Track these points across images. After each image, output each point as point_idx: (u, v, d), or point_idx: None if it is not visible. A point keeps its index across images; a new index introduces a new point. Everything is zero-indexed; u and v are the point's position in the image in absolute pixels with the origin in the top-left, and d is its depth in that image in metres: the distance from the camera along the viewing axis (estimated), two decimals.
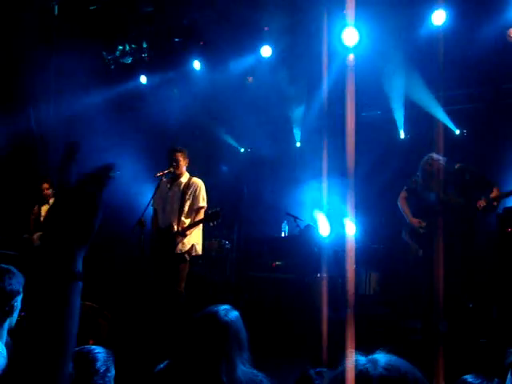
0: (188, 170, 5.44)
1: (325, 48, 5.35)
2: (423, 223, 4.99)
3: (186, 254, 5.14)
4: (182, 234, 5.09)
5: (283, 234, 7.75)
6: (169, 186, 5.35)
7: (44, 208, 6.40)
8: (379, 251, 6.63)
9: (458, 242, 4.68)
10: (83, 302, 4.01)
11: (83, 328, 0.89)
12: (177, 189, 5.29)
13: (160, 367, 2.06)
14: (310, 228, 6.65)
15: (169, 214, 5.24)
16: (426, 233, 4.94)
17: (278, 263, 7.03)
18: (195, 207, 5.21)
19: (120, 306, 4.91)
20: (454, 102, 6.99)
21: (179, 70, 7.65)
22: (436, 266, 4.04)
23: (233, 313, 2.06)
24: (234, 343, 1.96)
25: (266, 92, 7.73)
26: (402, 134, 7.44)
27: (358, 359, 0.95)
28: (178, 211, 5.18)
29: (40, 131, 7.45)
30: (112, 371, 1.91)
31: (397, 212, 5.34)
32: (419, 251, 5.06)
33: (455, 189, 4.80)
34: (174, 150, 5.29)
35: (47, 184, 6.39)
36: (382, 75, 6.69)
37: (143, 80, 7.84)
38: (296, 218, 6.78)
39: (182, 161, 5.29)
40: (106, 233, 6.64)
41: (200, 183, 5.30)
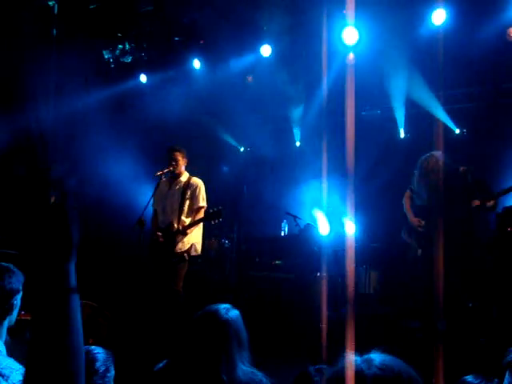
0: (188, 169, 5.44)
1: (324, 47, 5.34)
2: (422, 222, 4.99)
3: (186, 254, 5.14)
4: (183, 233, 5.09)
5: (283, 234, 7.75)
6: (168, 185, 5.35)
7: None
8: (379, 250, 6.63)
9: (457, 241, 4.68)
10: (83, 302, 4.02)
11: (83, 327, 0.90)
12: (176, 188, 5.29)
13: (159, 366, 2.06)
14: (310, 227, 6.65)
15: (169, 214, 5.24)
16: (424, 232, 4.95)
17: (277, 262, 7.04)
18: (195, 207, 5.21)
19: (120, 306, 4.91)
20: (454, 101, 7.00)
21: (179, 69, 7.64)
22: (435, 265, 4.04)
23: (233, 311, 2.06)
24: (234, 342, 1.96)
25: (265, 91, 7.73)
26: (402, 133, 7.45)
27: (353, 359, 0.95)
28: (177, 211, 5.18)
29: (40, 130, 7.44)
30: (111, 371, 1.92)
31: (396, 211, 5.35)
32: (418, 250, 5.07)
33: (455, 189, 4.80)
34: (173, 150, 5.29)
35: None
36: (382, 74, 6.69)
37: (143, 79, 7.84)
38: (296, 218, 6.79)
39: (181, 160, 5.28)
40: (106, 233, 6.67)
41: (200, 183, 5.30)
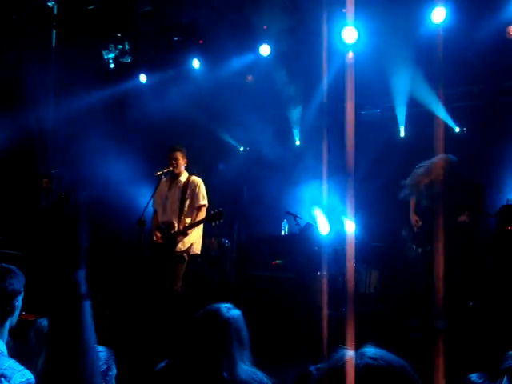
0: (187, 169, 5.44)
1: (324, 47, 5.34)
2: (419, 222, 5.00)
3: (185, 253, 5.14)
4: (184, 233, 5.09)
5: (283, 233, 7.75)
6: (168, 185, 5.35)
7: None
8: (380, 249, 6.63)
9: (457, 240, 4.69)
10: None
11: None
12: (176, 188, 5.30)
13: (161, 366, 2.06)
14: (310, 226, 6.65)
15: (169, 214, 5.24)
16: (419, 231, 4.96)
17: (277, 262, 7.04)
18: (196, 205, 5.21)
19: (120, 306, 4.92)
20: (454, 100, 6.99)
21: (178, 69, 7.64)
22: (435, 263, 4.04)
23: (235, 311, 2.07)
24: (235, 340, 1.97)
25: (265, 91, 7.72)
26: (402, 132, 7.44)
27: (346, 352, 0.97)
28: (178, 210, 5.19)
29: (40, 131, 7.44)
30: (113, 370, 1.92)
31: (397, 210, 5.36)
32: (418, 249, 5.08)
33: (456, 199, 4.80)
34: (173, 149, 5.29)
35: (47, 179, 6.41)
36: (381, 73, 6.69)
37: (143, 79, 7.84)
38: (296, 217, 6.78)
39: (180, 160, 5.29)
40: (106, 233, 6.67)
41: (199, 181, 5.31)
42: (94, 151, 6.68)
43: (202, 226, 5.29)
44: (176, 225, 5.13)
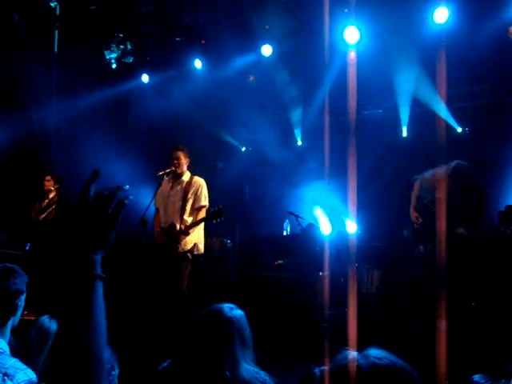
0: (189, 169, 5.44)
1: (326, 47, 5.35)
2: (420, 219, 5.00)
3: (189, 253, 5.15)
4: (185, 233, 5.10)
5: (285, 233, 7.75)
6: (170, 185, 5.35)
7: (43, 203, 6.39)
8: (381, 249, 6.62)
9: (456, 246, 4.69)
10: None
11: None
12: (178, 188, 5.30)
13: (164, 365, 2.07)
14: (312, 227, 6.66)
15: (171, 214, 5.24)
16: (419, 229, 4.96)
17: (280, 262, 7.04)
18: (197, 206, 5.21)
19: (123, 306, 4.92)
20: (456, 100, 6.98)
21: (180, 69, 7.65)
22: (437, 263, 4.04)
23: (237, 311, 2.08)
24: (238, 340, 1.97)
25: (267, 91, 7.73)
26: (405, 132, 7.44)
27: (349, 353, 0.98)
28: (180, 210, 5.19)
29: (42, 131, 7.46)
30: (116, 369, 1.92)
31: (399, 210, 5.35)
32: (420, 248, 5.08)
33: (457, 204, 4.80)
34: (176, 149, 5.29)
35: (49, 176, 6.40)
36: (383, 74, 6.68)
37: (145, 79, 7.85)
38: (298, 217, 6.78)
39: (183, 159, 5.28)
40: None
41: (202, 182, 5.31)
42: (95, 151, 6.69)
43: (202, 225, 5.29)
44: (177, 225, 5.13)
